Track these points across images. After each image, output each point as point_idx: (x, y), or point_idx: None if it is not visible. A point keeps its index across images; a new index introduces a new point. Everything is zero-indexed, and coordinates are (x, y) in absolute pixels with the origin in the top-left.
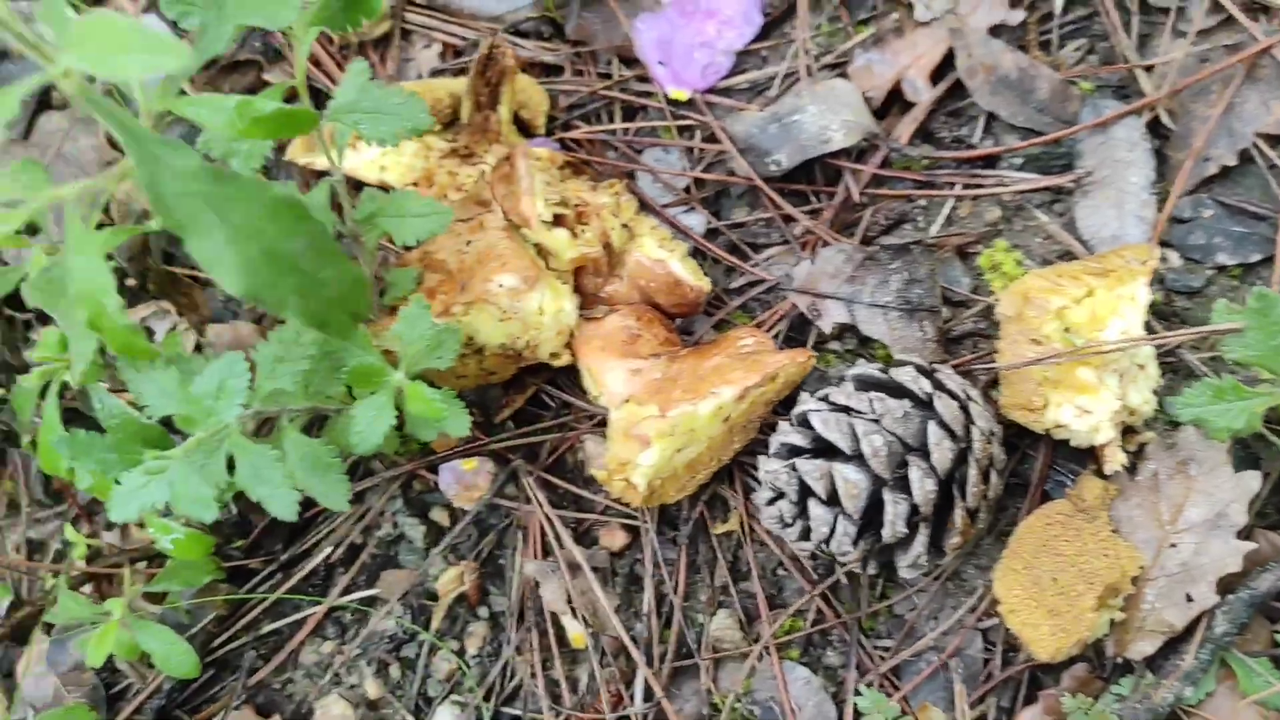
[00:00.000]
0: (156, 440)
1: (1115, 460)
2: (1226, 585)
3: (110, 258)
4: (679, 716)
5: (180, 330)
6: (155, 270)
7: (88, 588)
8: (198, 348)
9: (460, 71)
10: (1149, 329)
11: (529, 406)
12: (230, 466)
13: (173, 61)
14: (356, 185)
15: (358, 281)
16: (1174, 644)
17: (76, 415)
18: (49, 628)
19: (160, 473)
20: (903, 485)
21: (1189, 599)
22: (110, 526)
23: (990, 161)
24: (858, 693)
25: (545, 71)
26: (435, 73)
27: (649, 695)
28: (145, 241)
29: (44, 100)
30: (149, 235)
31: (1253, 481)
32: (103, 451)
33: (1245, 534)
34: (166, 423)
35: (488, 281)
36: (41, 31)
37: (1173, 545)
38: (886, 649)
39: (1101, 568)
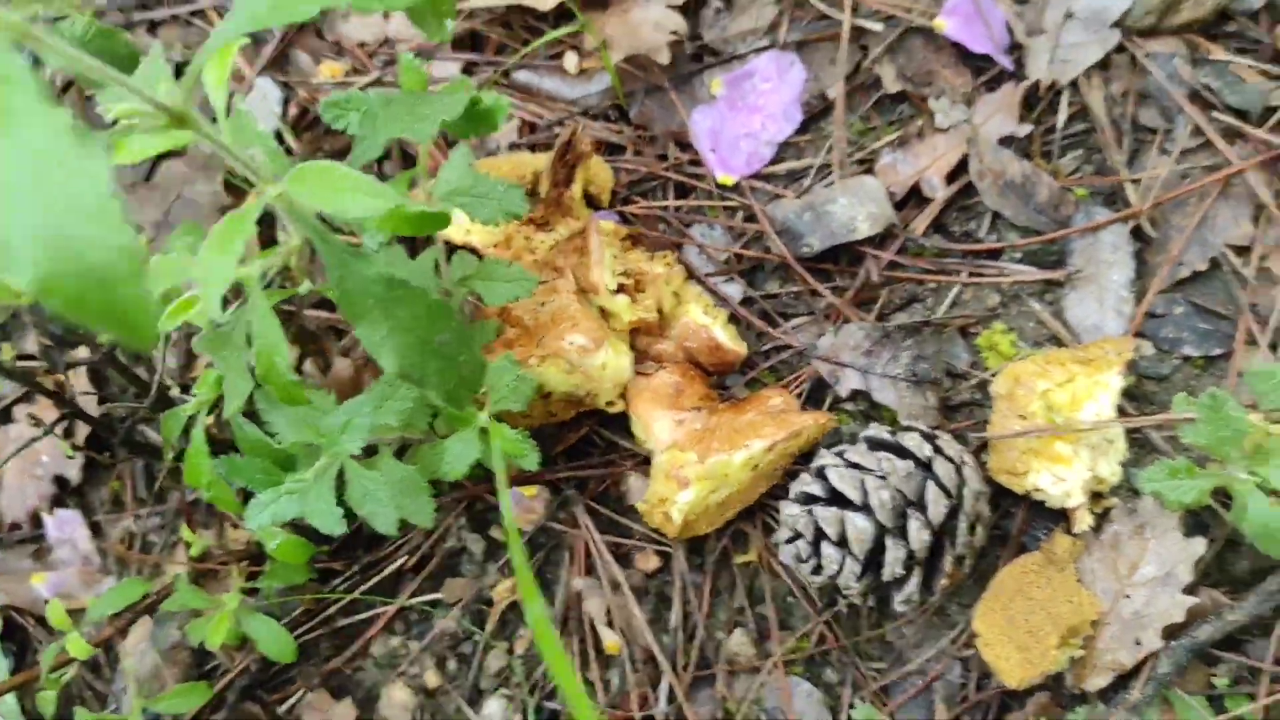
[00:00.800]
0: (284, 463)
1: (1083, 521)
2: (1171, 633)
3: None
4: (697, 718)
5: None
6: (299, 325)
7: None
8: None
9: (534, 146)
10: (1120, 411)
11: (580, 444)
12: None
13: (385, 205)
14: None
15: (481, 366)
16: (1124, 680)
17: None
18: (151, 611)
19: (294, 491)
20: (902, 533)
21: (1138, 643)
22: (209, 526)
23: (993, 254)
24: (852, 706)
25: (610, 150)
26: (513, 146)
27: (672, 698)
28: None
29: None
30: (296, 297)
31: (1198, 546)
32: (253, 472)
33: (1189, 590)
34: None
35: (560, 339)
36: (255, 155)
37: (1127, 596)
38: (878, 670)
39: (1066, 612)
